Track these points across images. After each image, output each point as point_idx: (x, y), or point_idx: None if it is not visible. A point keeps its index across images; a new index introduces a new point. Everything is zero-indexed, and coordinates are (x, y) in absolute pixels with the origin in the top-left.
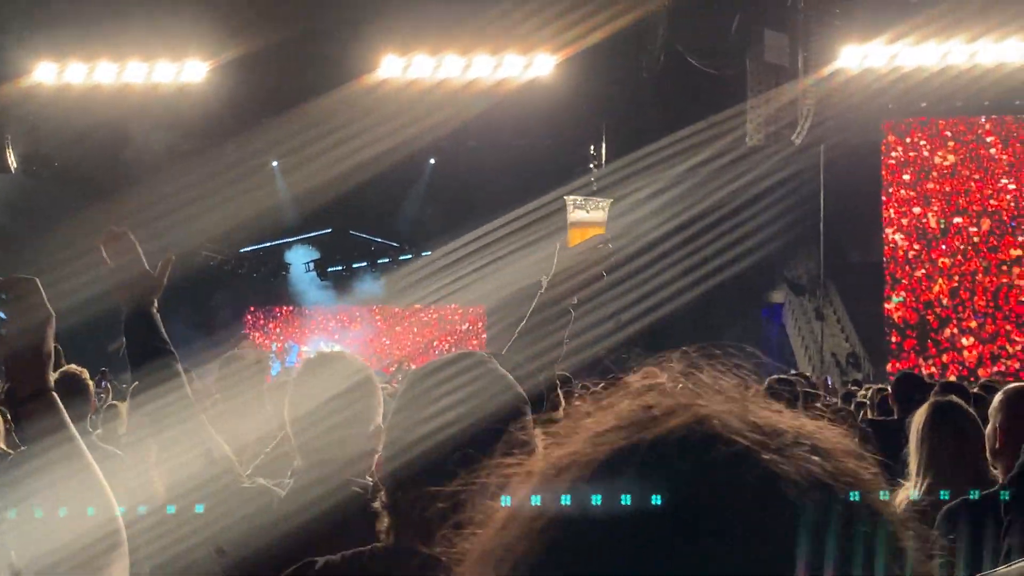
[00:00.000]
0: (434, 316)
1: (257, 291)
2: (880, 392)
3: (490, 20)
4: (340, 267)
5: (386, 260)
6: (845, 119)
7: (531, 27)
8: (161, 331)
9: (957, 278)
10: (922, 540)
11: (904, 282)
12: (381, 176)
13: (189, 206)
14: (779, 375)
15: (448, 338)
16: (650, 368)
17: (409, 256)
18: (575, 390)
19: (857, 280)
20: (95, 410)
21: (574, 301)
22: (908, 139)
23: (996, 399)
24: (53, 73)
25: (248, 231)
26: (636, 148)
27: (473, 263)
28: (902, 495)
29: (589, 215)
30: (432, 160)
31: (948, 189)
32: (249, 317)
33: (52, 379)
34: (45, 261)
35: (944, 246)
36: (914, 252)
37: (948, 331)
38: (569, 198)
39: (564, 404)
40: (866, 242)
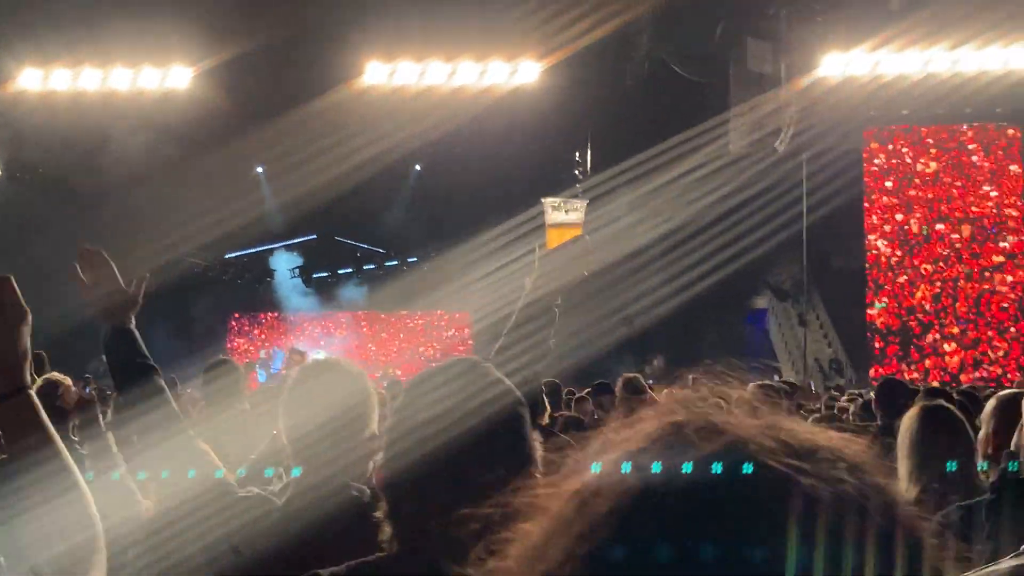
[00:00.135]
0: (420, 322)
1: (241, 297)
2: (854, 398)
3: (475, 27)
4: (326, 273)
5: (372, 266)
6: (828, 127)
7: (516, 34)
8: (141, 347)
9: (939, 284)
10: (948, 552)
11: (887, 288)
12: (366, 182)
13: (174, 211)
14: (762, 381)
15: (434, 344)
16: (672, 388)
17: (395, 262)
18: (563, 398)
19: (840, 286)
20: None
21: (558, 302)
22: (890, 146)
23: (989, 405)
24: (37, 79)
25: (233, 237)
26: (621, 155)
27: (459, 269)
28: None
29: (567, 216)
30: (418, 166)
31: (930, 196)
32: (233, 323)
33: (29, 378)
34: (30, 267)
35: (926, 252)
36: (896, 258)
37: (930, 337)
38: (547, 200)
39: (549, 411)
40: (849, 248)
